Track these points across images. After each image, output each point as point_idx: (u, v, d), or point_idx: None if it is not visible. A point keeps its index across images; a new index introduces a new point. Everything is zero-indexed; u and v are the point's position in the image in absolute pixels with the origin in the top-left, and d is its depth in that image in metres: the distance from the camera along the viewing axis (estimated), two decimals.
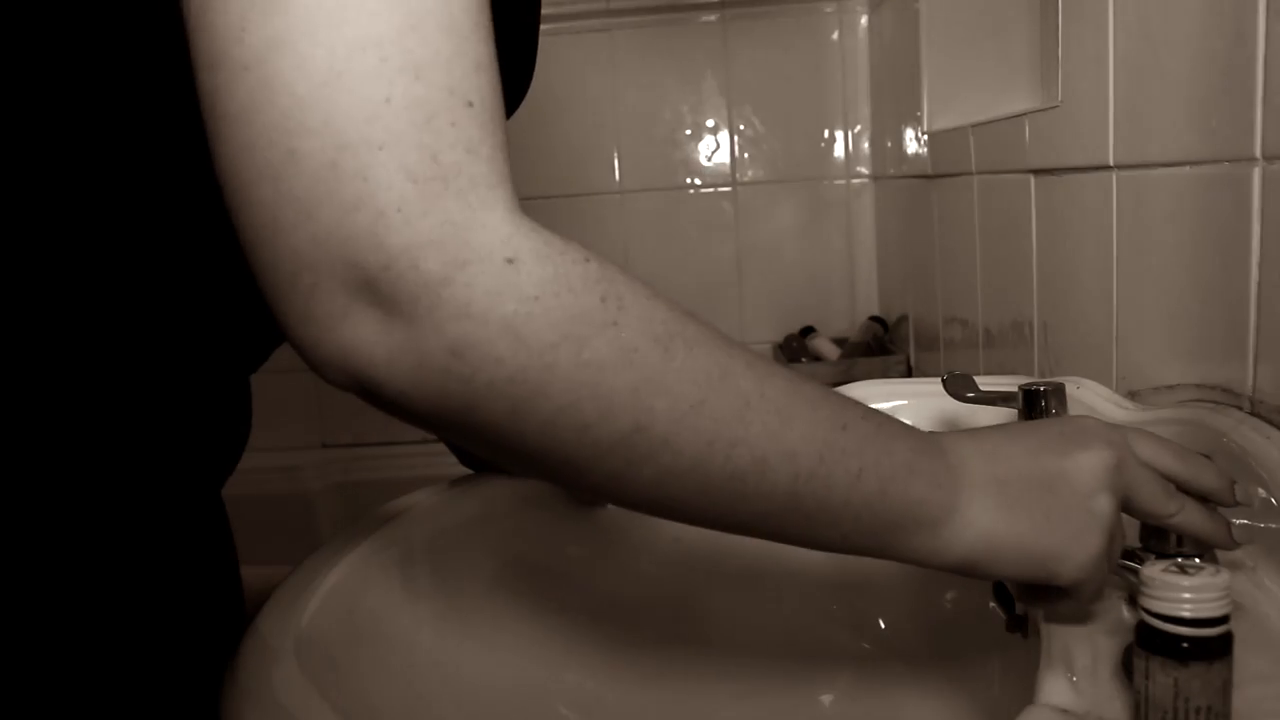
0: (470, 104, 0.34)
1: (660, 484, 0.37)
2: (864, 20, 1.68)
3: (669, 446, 0.37)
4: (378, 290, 0.33)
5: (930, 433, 0.45)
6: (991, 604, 0.61)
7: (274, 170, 0.33)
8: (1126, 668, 0.43)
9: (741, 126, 1.76)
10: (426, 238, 0.33)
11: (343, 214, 0.33)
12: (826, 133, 1.77)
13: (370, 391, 0.35)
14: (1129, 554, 0.49)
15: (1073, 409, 0.68)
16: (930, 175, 1.23)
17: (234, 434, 0.57)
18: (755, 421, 0.38)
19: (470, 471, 0.80)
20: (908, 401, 0.84)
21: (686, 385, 0.37)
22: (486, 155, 0.34)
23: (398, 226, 0.33)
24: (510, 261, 0.34)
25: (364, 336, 0.34)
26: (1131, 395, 0.71)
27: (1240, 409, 0.59)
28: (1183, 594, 0.36)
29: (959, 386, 0.72)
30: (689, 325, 0.38)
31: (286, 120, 0.33)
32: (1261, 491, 0.53)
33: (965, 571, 0.44)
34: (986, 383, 0.72)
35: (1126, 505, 0.45)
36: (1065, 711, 0.41)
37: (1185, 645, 0.36)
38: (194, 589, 0.53)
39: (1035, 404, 0.67)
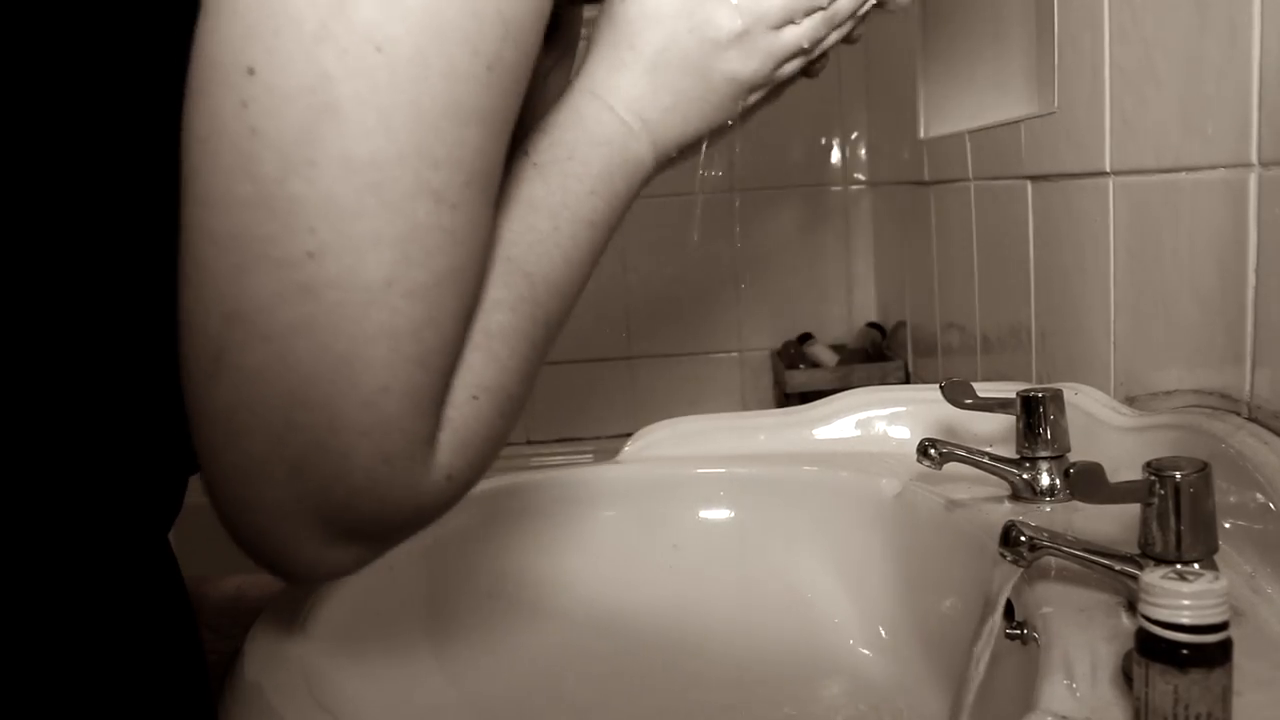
0: (447, 370, 0.37)
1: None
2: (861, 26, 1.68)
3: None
4: (350, 535, 0.38)
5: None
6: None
7: (271, 432, 0.35)
8: (1126, 674, 0.43)
9: (740, 133, 1.76)
10: (393, 502, 0.37)
11: (324, 483, 0.36)
12: (824, 139, 1.77)
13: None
14: (1127, 559, 0.49)
15: (1071, 415, 0.68)
16: (927, 181, 1.24)
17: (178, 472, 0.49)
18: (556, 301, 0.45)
19: None
20: (906, 408, 0.84)
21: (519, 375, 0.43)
22: (438, 410, 0.38)
23: (368, 499, 0.36)
24: (449, 478, 0.39)
25: (334, 557, 0.39)
26: (1129, 401, 0.71)
27: (1238, 415, 0.59)
28: (1182, 600, 0.36)
29: (957, 393, 0.72)
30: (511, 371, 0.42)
31: (293, 394, 0.34)
32: (1259, 496, 0.53)
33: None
34: (984, 389, 0.72)
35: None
36: (1065, 718, 0.41)
37: (1185, 652, 0.36)
38: (146, 652, 0.47)
39: (1033, 410, 0.67)
